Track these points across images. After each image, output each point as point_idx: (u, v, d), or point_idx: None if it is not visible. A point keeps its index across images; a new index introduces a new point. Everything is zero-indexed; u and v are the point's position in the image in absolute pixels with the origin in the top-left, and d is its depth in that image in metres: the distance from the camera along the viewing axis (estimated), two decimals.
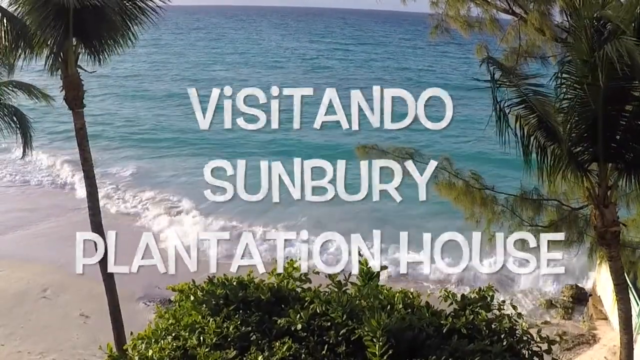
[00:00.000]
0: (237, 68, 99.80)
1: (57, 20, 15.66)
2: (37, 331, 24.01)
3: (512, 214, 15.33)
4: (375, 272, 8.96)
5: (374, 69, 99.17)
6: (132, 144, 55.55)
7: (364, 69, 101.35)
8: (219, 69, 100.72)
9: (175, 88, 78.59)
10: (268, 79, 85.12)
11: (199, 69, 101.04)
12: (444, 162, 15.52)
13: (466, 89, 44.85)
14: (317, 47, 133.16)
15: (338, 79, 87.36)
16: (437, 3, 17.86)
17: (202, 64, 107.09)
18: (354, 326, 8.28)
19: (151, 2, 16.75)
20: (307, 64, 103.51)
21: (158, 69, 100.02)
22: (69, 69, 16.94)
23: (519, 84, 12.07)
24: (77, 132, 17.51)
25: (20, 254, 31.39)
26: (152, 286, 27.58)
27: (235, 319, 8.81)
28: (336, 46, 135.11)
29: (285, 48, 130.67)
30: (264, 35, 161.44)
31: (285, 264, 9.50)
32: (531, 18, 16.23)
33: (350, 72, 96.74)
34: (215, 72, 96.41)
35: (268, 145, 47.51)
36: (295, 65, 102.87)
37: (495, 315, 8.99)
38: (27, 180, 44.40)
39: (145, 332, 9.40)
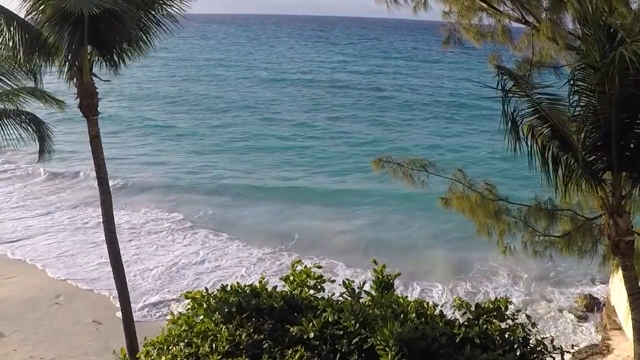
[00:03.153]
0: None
1: (72, 29, 15.76)
2: (50, 337, 24.09)
3: (525, 225, 15.28)
4: (390, 281, 8.96)
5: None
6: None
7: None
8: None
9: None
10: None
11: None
12: (458, 174, 15.51)
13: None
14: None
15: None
16: (449, 13, 17.86)
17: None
18: (366, 335, 8.27)
19: (167, 11, 16.85)
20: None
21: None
22: (84, 77, 17.03)
23: (531, 93, 12.05)
24: (91, 140, 17.58)
25: (33, 260, 31.59)
26: (165, 293, 27.79)
27: (248, 327, 8.81)
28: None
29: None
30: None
31: (301, 272, 9.54)
32: (543, 27, 16.19)
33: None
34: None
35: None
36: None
37: (508, 325, 8.96)
38: (41, 187, 44.65)
39: (158, 338, 9.43)
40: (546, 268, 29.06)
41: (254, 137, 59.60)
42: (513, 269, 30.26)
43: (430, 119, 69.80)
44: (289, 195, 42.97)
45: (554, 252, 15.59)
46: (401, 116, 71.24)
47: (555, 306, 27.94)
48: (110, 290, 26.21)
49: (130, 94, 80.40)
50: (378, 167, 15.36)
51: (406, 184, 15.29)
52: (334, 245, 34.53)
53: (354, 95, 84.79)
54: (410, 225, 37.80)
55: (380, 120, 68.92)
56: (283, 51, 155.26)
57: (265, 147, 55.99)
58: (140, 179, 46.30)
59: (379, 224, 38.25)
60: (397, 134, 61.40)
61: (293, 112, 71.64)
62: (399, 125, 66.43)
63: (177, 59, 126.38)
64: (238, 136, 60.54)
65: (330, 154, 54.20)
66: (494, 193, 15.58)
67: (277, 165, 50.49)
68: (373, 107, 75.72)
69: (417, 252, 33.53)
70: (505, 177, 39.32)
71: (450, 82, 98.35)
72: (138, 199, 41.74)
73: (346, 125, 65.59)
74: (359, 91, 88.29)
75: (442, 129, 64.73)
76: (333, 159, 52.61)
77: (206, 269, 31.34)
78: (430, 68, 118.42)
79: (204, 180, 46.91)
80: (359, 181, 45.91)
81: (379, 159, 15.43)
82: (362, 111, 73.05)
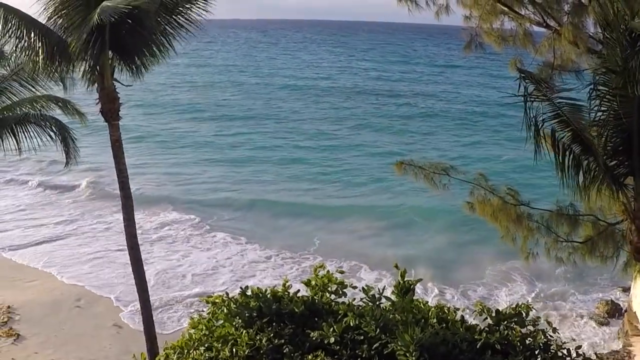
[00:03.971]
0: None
1: (94, 34, 15.85)
2: (71, 340, 24.20)
3: (547, 231, 15.20)
4: (410, 286, 8.94)
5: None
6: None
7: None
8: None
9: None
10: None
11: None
12: (479, 178, 15.46)
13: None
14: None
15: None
16: (470, 17, 17.83)
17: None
18: (387, 340, 8.25)
19: (188, 16, 16.89)
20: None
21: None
22: (106, 82, 17.11)
23: (552, 97, 11.99)
24: (112, 144, 17.68)
25: (55, 264, 31.79)
26: (186, 297, 27.86)
27: (269, 332, 8.82)
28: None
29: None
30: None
31: (323, 276, 9.54)
32: (565, 31, 16.12)
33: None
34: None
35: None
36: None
37: (529, 331, 8.91)
38: (63, 193, 44.90)
39: (178, 342, 9.46)
40: (566, 273, 28.92)
41: (272, 147, 58.80)
42: (532, 272, 30.04)
43: (453, 128, 68.69)
44: (310, 202, 42.98)
45: (577, 258, 15.51)
46: (423, 125, 69.99)
47: (576, 312, 27.74)
48: (131, 293, 26.38)
49: (148, 101, 79.80)
50: (400, 170, 15.38)
51: (428, 187, 15.27)
52: (354, 248, 34.51)
53: (374, 103, 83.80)
54: (426, 231, 37.82)
55: (401, 128, 68.11)
56: (305, 57, 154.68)
57: (282, 158, 55.20)
58: (157, 185, 46.37)
59: (397, 228, 38.31)
60: (419, 145, 60.39)
61: (314, 121, 70.95)
62: (419, 135, 65.47)
63: (198, 64, 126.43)
64: (256, 145, 59.79)
65: (350, 162, 53.71)
66: (516, 198, 15.51)
67: (297, 176, 49.96)
68: (393, 115, 74.90)
69: (435, 256, 33.51)
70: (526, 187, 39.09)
71: (471, 89, 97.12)
72: (155, 204, 41.76)
73: (365, 134, 64.82)
74: (378, 98, 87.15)
75: (463, 138, 63.77)
76: (353, 169, 52.20)
77: (225, 272, 31.40)
78: (452, 74, 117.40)
79: (221, 187, 46.76)
80: (377, 190, 46.02)
81: (401, 162, 15.46)
82: (382, 120, 72.15)
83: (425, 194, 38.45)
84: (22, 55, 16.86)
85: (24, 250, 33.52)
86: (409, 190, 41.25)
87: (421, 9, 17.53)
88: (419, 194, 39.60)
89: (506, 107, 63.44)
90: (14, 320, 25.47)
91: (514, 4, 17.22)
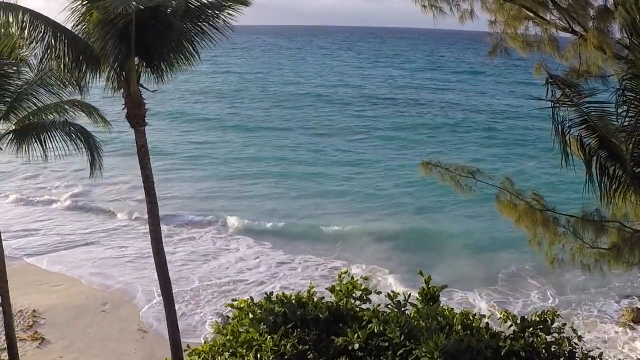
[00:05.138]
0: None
1: (120, 40, 15.94)
2: (96, 344, 24.38)
3: (574, 236, 15.08)
4: (436, 293, 8.93)
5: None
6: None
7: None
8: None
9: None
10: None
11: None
12: (506, 183, 15.38)
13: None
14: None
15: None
16: (496, 22, 17.74)
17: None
18: (411, 347, 8.24)
19: (214, 22, 16.93)
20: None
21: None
22: (132, 88, 17.16)
23: (579, 103, 11.89)
24: (138, 150, 17.70)
25: (81, 269, 32.05)
26: (211, 301, 27.96)
27: (293, 337, 8.83)
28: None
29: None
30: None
31: (348, 283, 9.54)
32: (591, 36, 15.99)
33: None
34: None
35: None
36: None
37: (555, 339, 8.85)
38: (92, 199, 45.33)
39: (203, 348, 9.50)
40: (591, 279, 28.70)
41: (297, 160, 58.04)
42: (556, 278, 29.83)
43: (480, 139, 67.60)
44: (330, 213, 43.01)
45: (602, 264, 15.37)
46: (450, 137, 68.64)
47: (601, 318, 27.52)
48: (156, 298, 26.52)
49: (173, 110, 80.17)
50: (426, 170, 15.29)
51: (453, 189, 15.20)
52: (375, 253, 34.57)
53: (401, 112, 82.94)
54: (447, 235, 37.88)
55: (427, 140, 67.22)
56: (329, 63, 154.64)
57: (303, 171, 54.38)
58: (177, 194, 46.51)
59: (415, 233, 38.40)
60: (446, 157, 59.01)
61: (339, 132, 70.20)
62: (447, 146, 64.35)
63: (223, 71, 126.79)
64: (279, 157, 58.79)
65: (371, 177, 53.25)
66: (542, 203, 15.40)
67: (317, 190, 49.24)
68: (420, 127, 73.76)
69: (455, 260, 33.54)
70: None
71: (497, 98, 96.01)
72: (177, 209, 41.96)
73: (390, 147, 63.94)
74: (404, 108, 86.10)
75: (488, 149, 62.91)
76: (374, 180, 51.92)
77: (250, 276, 31.52)
78: (477, 82, 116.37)
79: (243, 195, 46.84)
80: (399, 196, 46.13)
81: (427, 162, 15.36)
82: (408, 133, 71.06)
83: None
84: (49, 61, 16.96)
85: (50, 256, 33.86)
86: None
87: (446, 15, 17.47)
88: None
89: (537, 121, 63.12)
90: (39, 325, 25.71)
91: (540, 10, 17.10)
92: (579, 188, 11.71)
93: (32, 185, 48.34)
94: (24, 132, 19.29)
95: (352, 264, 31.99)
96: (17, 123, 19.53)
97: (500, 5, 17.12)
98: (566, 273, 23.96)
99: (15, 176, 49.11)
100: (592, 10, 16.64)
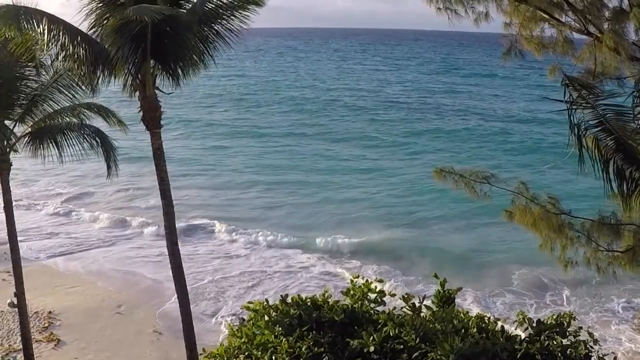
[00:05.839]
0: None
1: (135, 43, 16.01)
2: (111, 346, 24.47)
3: (587, 240, 15.00)
4: (451, 295, 8.92)
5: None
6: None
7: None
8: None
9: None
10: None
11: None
12: (520, 187, 15.31)
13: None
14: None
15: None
16: (510, 24, 17.69)
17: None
18: (427, 350, 8.23)
19: (229, 25, 16.97)
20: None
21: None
22: (147, 91, 17.22)
23: (595, 104, 11.84)
24: (154, 153, 17.76)
25: (96, 271, 32.21)
26: (227, 304, 28.03)
27: (308, 339, 8.83)
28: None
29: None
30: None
31: (362, 285, 9.54)
32: (606, 38, 15.93)
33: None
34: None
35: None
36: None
37: (570, 342, 8.82)
38: (107, 202, 45.58)
39: (218, 350, 9.51)
40: (605, 281, 28.56)
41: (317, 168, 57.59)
42: (571, 279, 29.71)
43: (496, 144, 66.68)
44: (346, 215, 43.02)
45: (616, 267, 15.29)
46: (464, 142, 67.49)
47: (616, 322, 27.38)
48: (171, 300, 26.57)
49: (187, 116, 79.73)
50: (440, 177, 15.25)
51: (468, 194, 15.14)
52: (389, 254, 34.59)
53: (417, 118, 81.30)
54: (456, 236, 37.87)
55: (443, 147, 66.30)
56: (347, 67, 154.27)
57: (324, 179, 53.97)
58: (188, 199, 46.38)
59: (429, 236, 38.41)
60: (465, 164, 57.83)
61: (356, 138, 69.20)
62: (461, 151, 63.58)
63: (241, 75, 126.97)
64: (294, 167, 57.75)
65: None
66: (557, 207, 15.33)
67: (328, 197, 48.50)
68: (436, 132, 72.98)
69: (471, 261, 33.57)
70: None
71: (512, 101, 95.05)
72: (194, 212, 42.09)
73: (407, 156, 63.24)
74: (419, 113, 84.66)
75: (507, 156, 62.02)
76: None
77: (265, 278, 31.61)
78: (491, 85, 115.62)
79: (255, 203, 46.54)
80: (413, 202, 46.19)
81: (440, 169, 15.31)
82: (423, 137, 70.25)
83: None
84: (65, 63, 17.06)
85: (65, 257, 34.07)
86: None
87: (460, 17, 17.44)
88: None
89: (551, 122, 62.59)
90: (54, 326, 25.85)
91: (554, 11, 17.04)
92: (594, 195, 11.70)
93: (45, 188, 48.65)
94: (40, 134, 19.46)
95: (366, 270, 31.94)
96: (33, 125, 19.72)
97: (514, 7, 17.07)
98: (580, 274, 23.83)
99: (30, 179, 49.30)
100: (607, 11, 16.58)
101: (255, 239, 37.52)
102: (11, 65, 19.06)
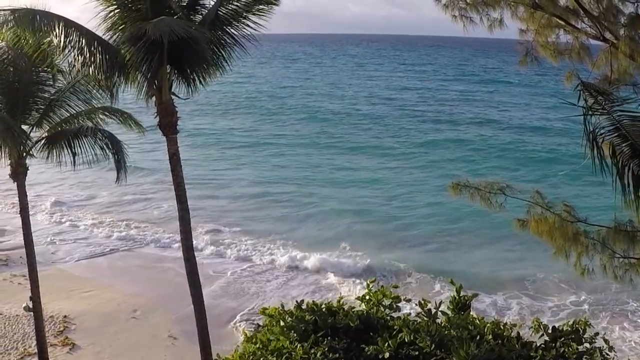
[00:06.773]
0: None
1: (151, 49, 16.08)
2: (126, 350, 24.53)
3: (603, 247, 14.93)
4: (466, 302, 8.92)
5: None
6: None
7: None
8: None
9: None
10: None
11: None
12: (536, 196, 15.26)
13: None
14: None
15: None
16: (526, 31, 17.68)
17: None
18: (442, 356, 8.23)
19: (243, 31, 17.04)
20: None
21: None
22: (163, 96, 17.30)
23: (611, 110, 11.79)
24: (170, 158, 17.83)
25: (112, 275, 32.34)
26: (242, 310, 28.06)
27: (323, 345, 8.84)
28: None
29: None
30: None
31: (377, 291, 9.54)
32: (621, 44, 15.89)
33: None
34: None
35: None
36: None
37: (586, 348, 8.80)
38: (120, 207, 45.78)
39: (233, 355, 9.53)
40: (622, 289, 28.41)
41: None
42: (590, 286, 29.56)
43: (511, 155, 65.75)
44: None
45: (633, 274, 15.22)
46: (479, 154, 66.41)
47: (632, 328, 27.23)
48: (187, 305, 26.61)
49: (201, 123, 79.60)
50: (456, 191, 15.22)
51: (484, 207, 15.11)
52: (406, 263, 34.53)
53: (432, 129, 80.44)
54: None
55: (458, 156, 65.53)
56: (363, 74, 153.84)
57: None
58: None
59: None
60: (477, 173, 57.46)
61: (371, 149, 68.09)
62: (476, 162, 62.66)
63: (255, 82, 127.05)
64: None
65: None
66: (572, 215, 15.27)
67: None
68: (450, 143, 71.99)
69: (479, 266, 33.56)
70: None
71: (527, 110, 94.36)
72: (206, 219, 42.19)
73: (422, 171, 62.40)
74: (434, 124, 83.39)
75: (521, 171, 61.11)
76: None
77: (281, 287, 31.64)
78: (508, 92, 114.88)
79: (269, 209, 46.63)
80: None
81: (456, 183, 15.27)
82: (440, 149, 69.37)
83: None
84: (82, 68, 17.14)
85: (81, 262, 34.22)
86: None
87: (475, 24, 17.43)
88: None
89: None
90: (69, 330, 25.96)
91: (570, 18, 17.02)
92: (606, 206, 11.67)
93: (61, 192, 48.90)
94: (55, 139, 19.60)
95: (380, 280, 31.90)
96: (49, 130, 19.87)
97: (530, 13, 17.06)
98: (597, 280, 23.68)
99: (47, 183, 49.52)
100: (623, 17, 16.55)
101: (271, 249, 37.25)
102: (29, 70, 19.23)
